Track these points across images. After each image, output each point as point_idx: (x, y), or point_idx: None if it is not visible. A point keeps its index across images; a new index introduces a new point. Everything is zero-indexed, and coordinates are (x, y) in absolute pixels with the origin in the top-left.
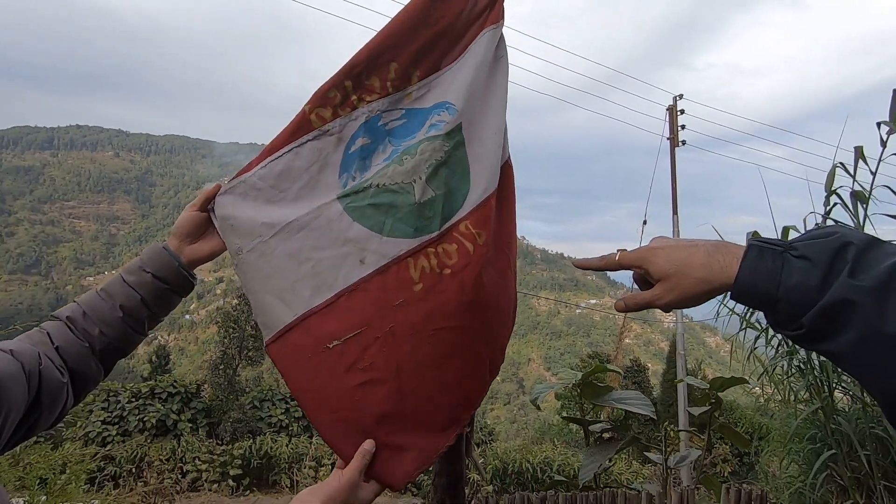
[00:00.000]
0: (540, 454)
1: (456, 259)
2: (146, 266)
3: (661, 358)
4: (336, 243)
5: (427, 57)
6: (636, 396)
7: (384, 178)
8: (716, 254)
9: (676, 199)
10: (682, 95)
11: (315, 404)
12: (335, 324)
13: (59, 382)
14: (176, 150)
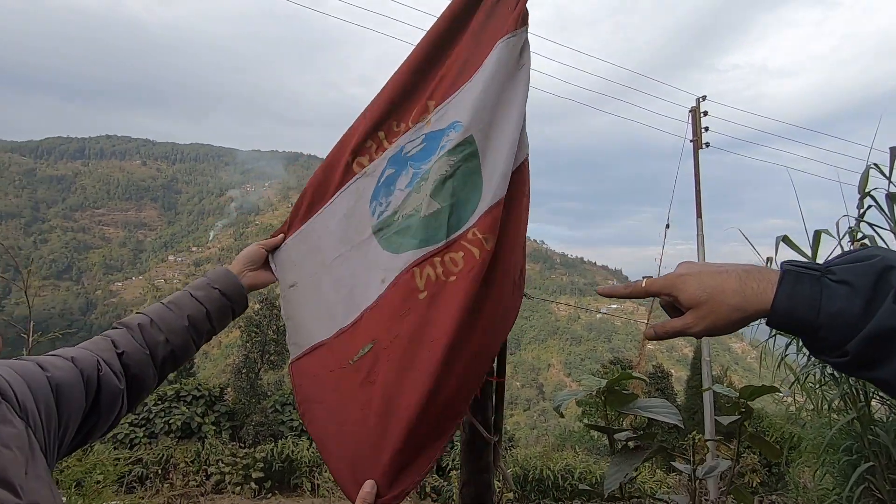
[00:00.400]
0: (561, 461)
1: (462, 265)
2: (214, 283)
3: (685, 364)
4: (369, 271)
5: (441, 86)
6: (662, 404)
7: (407, 208)
8: (749, 280)
9: (700, 203)
10: (705, 97)
11: (324, 415)
12: (357, 340)
13: (116, 389)
14: (200, 158)
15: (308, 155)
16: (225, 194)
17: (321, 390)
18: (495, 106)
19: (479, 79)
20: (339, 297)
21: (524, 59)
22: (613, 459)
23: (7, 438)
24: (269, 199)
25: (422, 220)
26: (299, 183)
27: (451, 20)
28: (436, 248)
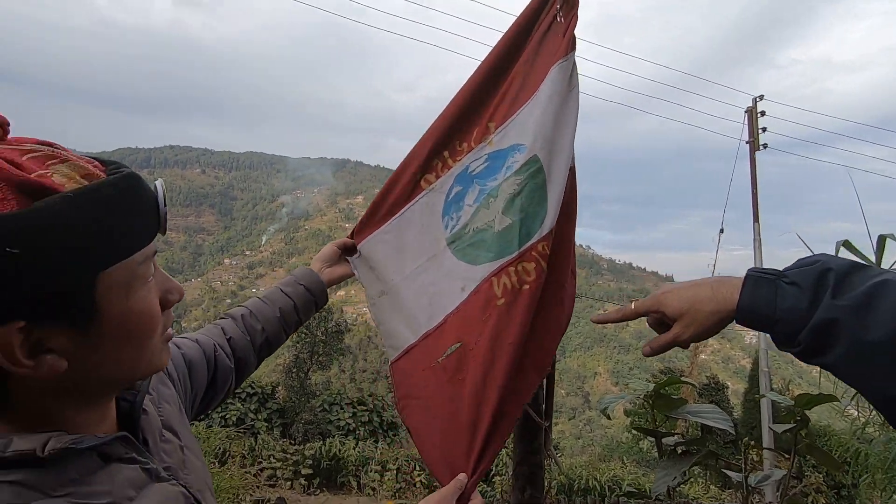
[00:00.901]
0: (608, 471)
1: (534, 276)
2: (300, 280)
3: (743, 376)
4: (447, 279)
5: (500, 108)
6: (713, 410)
7: (478, 222)
8: (719, 287)
9: (757, 206)
10: (762, 96)
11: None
12: (442, 341)
13: (228, 368)
14: (254, 165)
15: (355, 161)
16: (277, 200)
17: (416, 387)
18: (553, 128)
19: (536, 103)
20: (421, 304)
21: (573, 81)
22: (661, 463)
23: (167, 397)
24: (317, 204)
25: (496, 234)
26: (347, 189)
27: (507, 48)
28: (510, 258)
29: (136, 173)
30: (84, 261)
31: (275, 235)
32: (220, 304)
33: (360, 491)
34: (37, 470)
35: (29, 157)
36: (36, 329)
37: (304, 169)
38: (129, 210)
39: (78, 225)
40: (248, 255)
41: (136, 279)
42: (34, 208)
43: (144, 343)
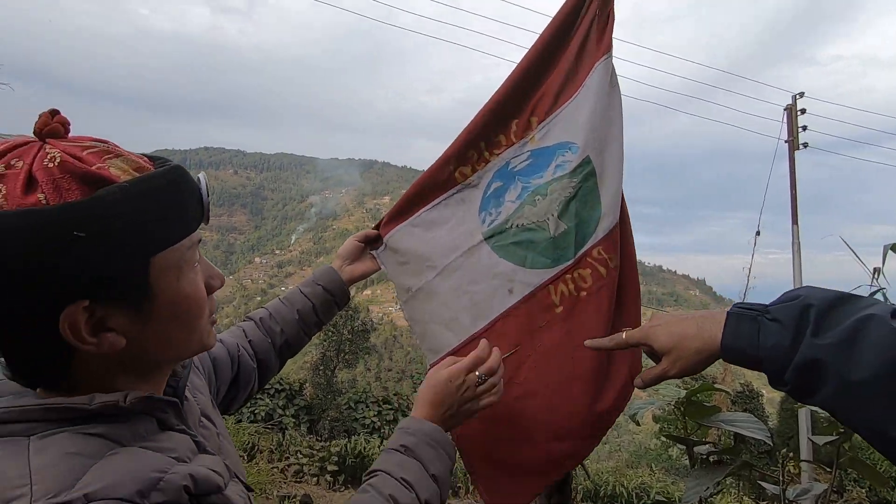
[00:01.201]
0: (636, 478)
1: (590, 282)
2: (318, 280)
3: None
4: (487, 277)
5: (542, 102)
6: (748, 419)
7: (522, 219)
8: (704, 324)
9: (796, 208)
10: (802, 94)
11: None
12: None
13: (250, 367)
14: (284, 166)
15: (382, 162)
16: (306, 200)
17: None
18: (603, 127)
19: (583, 100)
20: (461, 305)
21: (614, 79)
22: (693, 473)
23: (200, 387)
24: (345, 204)
25: (551, 240)
26: (374, 189)
27: (547, 44)
28: (566, 265)
29: (182, 166)
30: (139, 245)
31: (303, 235)
32: (251, 302)
33: None
34: (115, 424)
35: (88, 152)
36: (98, 308)
37: (333, 170)
38: (176, 199)
39: (133, 212)
40: (277, 254)
41: (185, 263)
42: (96, 196)
43: (194, 323)
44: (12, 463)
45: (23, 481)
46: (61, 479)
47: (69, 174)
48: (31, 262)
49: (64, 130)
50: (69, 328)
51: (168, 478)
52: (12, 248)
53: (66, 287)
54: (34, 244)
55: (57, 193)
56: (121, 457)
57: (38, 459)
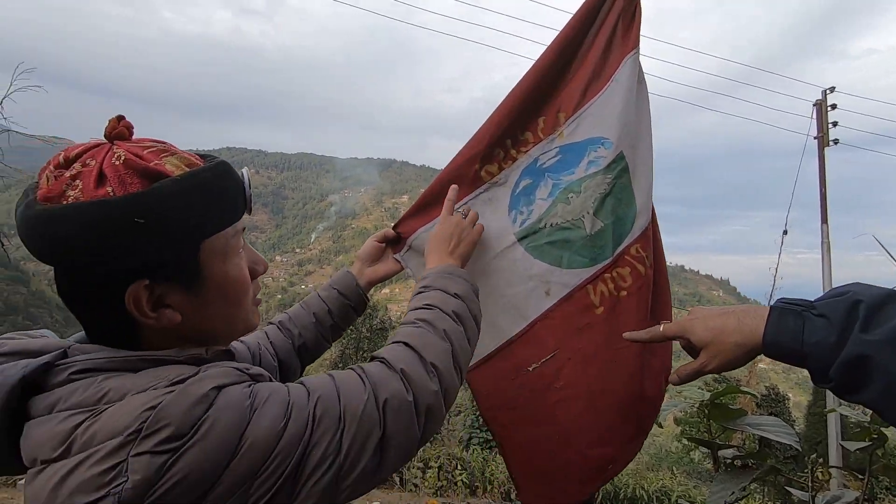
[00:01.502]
0: (656, 481)
1: (630, 281)
2: (334, 285)
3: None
4: (523, 280)
5: (569, 97)
6: (776, 423)
7: (556, 218)
8: (745, 318)
9: (826, 206)
10: (833, 88)
11: (519, 420)
12: (531, 350)
13: (272, 366)
14: (304, 166)
15: (401, 161)
16: (325, 199)
17: (506, 398)
18: (634, 122)
19: (613, 94)
20: (498, 308)
21: (641, 74)
22: (718, 477)
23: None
24: (364, 203)
25: (588, 238)
26: (392, 188)
27: (571, 37)
28: (605, 264)
29: (227, 162)
30: (190, 231)
31: (323, 234)
32: (272, 300)
33: (402, 486)
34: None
35: (148, 150)
36: (157, 287)
37: (352, 169)
38: (222, 191)
39: (185, 202)
40: (298, 252)
41: (230, 249)
42: (153, 188)
43: (240, 303)
44: (138, 378)
45: (156, 380)
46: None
47: (132, 170)
48: (102, 245)
49: (128, 133)
50: (133, 303)
51: (254, 368)
52: (88, 232)
53: (130, 267)
54: (104, 229)
55: (122, 187)
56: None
57: (155, 371)
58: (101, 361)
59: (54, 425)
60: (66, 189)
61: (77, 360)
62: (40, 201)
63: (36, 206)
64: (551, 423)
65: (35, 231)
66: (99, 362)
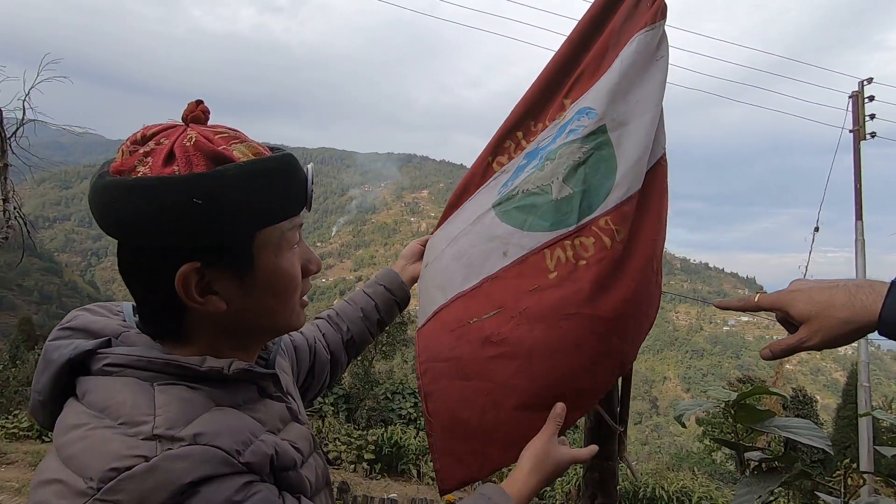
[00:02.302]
0: (677, 481)
1: (593, 252)
2: (380, 281)
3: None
4: (485, 240)
5: (577, 84)
6: (806, 426)
7: (528, 184)
8: (858, 293)
9: (861, 203)
10: (871, 79)
11: (451, 372)
12: (477, 304)
13: (325, 359)
14: (326, 161)
15: (421, 156)
16: (346, 194)
17: (443, 349)
18: (630, 97)
19: (614, 71)
20: (458, 266)
21: (661, 51)
22: (743, 480)
23: (285, 367)
24: (384, 198)
25: (553, 203)
26: (412, 183)
27: (590, 23)
28: (566, 231)
29: (293, 156)
30: (247, 218)
31: (343, 228)
32: None
33: (419, 480)
34: (218, 389)
35: (219, 136)
36: (207, 272)
37: (371, 163)
38: (284, 183)
39: (245, 188)
40: (319, 246)
41: (285, 242)
42: (216, 170)
43: (287, 299)
44: (143, 397)
45: (150, 411)
46: (178, 417)
47: (200, 152)
48: (159, 222)
49: (204, 117)
50: (182, 285)
51: (258, 443)
52: (147, 207)
53: (185, 247)
54: (163, 206)
55: (188, 167)
56: (225, 413)
57: (160, 398)
58: (131, 359)
59: (69, 414)
60: (137, 164)
61: (112, 353)
62: (112, 173)
63: (107, 177)
64: (484, 378)
65: (100, 200)
66: (129, 359)
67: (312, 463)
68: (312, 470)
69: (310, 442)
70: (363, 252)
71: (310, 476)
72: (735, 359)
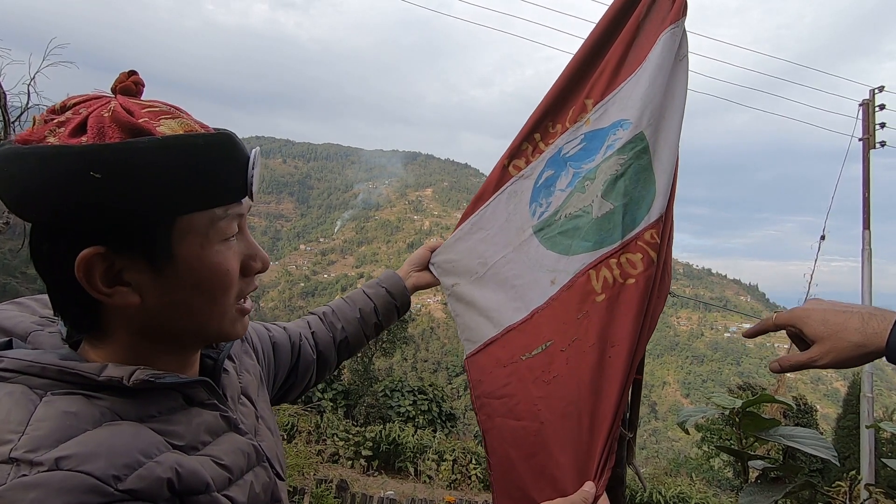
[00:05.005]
0: (674, 487)
1: (641, 268)
2: (382, 283)
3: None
4: (532, 269)
5: (598, 83)
6: (812, 435)
7: (570, 208)
8: (871, 320)
9: (869, 212)
10: (882, 87)
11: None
12: (527, 338)
13: (310, 358)
14: (331, 157)
15: (426, 154)
16: (350, 190)
17: (496, 385)
18: (662, 100)
19: (644, 73)
20: (507, 297)
21: (683, 50)
22: (747, 489)
23: (249, 367)
24: (388, 196)
25: (594, 221)
26: (416, 181)
27: (610, 20)
28: (611, 249)
29: (234, 136)
30: (164, 199)
31: (347, 224)
32: (295, 287)
33: (416, 477)
34: (123, 399)
35: (147, 110)
36: (116, 259)
37: (376, 159)
38: (213, 164)
39: (163, 165)
40: (321, 241)
41: (215, 233)
42: (125, 143)
43: (216, 299)
44: (20, 410)
45: (19, 428)
46: (49, 436)
47: (116, 123)
48: (55, 196)
49: (135, 89)
50: (83, 272)
51: (151, 465)
52: (41, 179)
53: (84, 228)
54: (60, 178)
55: (98, 138)
56: (114, 430)
57: (40, 412)
58: (23, 364)
59: None
60: (47, 135)
61: (7, 356)
62: (17, 142)
63: (8, 145)
64: (533, 419)
65: None
66: (22, 364)
67: (249, 479)
68: (247, 488)
69: (249, 455)
70: (366, 248)
71: (238, 496)
72: (735, 365)
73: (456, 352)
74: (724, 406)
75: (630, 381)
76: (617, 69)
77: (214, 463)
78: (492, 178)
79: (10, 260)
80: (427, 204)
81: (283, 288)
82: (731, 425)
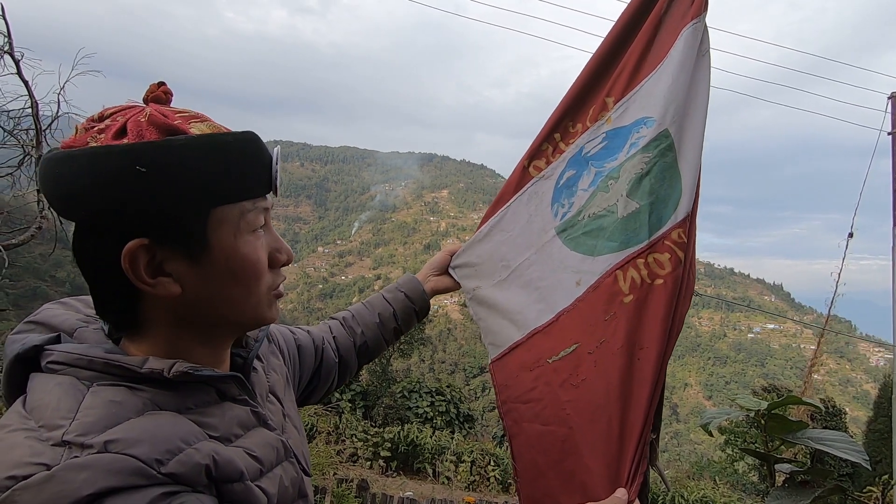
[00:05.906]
0: (697, 490)
1: (669, 269)
2: (401, 287)
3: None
4: (556, 270)
5: (619, 80)
6: (842, 438)
7: (594, 208)
8: None
9: None
10: None
11: (530, 415)
12: (553, 341)
13: (332, 362)
14: (347, 159)
15: (441, 156)
16: (367, 192)
17: (522, 390)
18: (685, 96)
19: (666, 70)
20: (531, 300)
21: (705, 45)
22: (773, 493)
23: (276, 367)
24: (404, 197)
25: (620, 221)
26: (432, 182)
27: (630, 16)
28: (638, 248)
29: (257, 135)
30: (199, 192)
31: (364, 226)
32: (313, 289)
33: (435, 479)
34: (163, 391)
35: (179, 115)
36: (158, 251)
37: (393, 162)
38: (242, 160)
39: (197, 160)
40: (339, 244)
41: (245, 224)
42: (164, 140)
43: (250, 286)
44: (70, 399)
45: (69, 415)
46: (97, 422)
47: (153, 125)
48: (102, 192)
49: (165, 98)
50: (129, 263)
51: (190, 452)
52: (90, 178)
53: (130, 221)
54: (107, 176)
55: (139, 139)
56: (156, 418)
57: (88, 401)
58: (72, 357)
59: (7, 413)
60: (89, 140)
61: (57, 350)
62: (62, 148)
63: (55, 151)
64: (561, 423)
65: (45, 173)
66: (71, 357)
67: (279, 473)
68: (276, 481)
69: (278, 450)
70: (382, 250)
71: (269, 488)
72: (760, 367)
73: (473, 353)
74: (748, 408)
75: (660, 385)
76: (638, 66)
77: (247, 454)
78: (512, 180)
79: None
80: (443, 205)
81: (301, 290)
82: (757, 428)
